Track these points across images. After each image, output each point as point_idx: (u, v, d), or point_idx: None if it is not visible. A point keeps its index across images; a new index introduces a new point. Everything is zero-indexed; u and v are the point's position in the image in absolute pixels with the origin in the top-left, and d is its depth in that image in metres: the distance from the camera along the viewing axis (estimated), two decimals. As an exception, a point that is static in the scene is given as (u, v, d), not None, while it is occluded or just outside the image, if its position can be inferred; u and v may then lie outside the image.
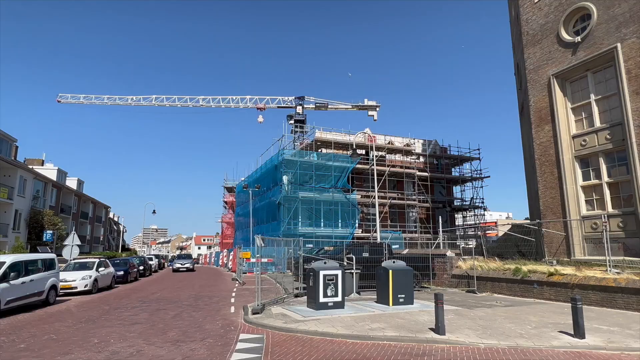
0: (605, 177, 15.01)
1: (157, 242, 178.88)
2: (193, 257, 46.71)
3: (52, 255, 16.37)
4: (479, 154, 40.61)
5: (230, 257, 36.68)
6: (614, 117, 14.78)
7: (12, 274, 12.60)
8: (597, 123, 15.40)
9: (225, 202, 57.83)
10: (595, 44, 14.97)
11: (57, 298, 15.62)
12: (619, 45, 14.09)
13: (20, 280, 12.96)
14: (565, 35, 16.09)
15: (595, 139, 15.36)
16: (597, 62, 15.16)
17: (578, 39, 15.53)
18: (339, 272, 11.35)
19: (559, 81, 16.49)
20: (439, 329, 7.96)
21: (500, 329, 8.47)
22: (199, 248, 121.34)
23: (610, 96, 14.96)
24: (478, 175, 40.39)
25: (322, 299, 10.97)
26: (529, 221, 19.56)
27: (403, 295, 11.80)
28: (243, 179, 45.88)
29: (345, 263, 14.55)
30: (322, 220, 33.85)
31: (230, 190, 53.95)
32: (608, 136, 14.91)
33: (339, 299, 11.20)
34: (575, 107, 16.30)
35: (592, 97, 15.61)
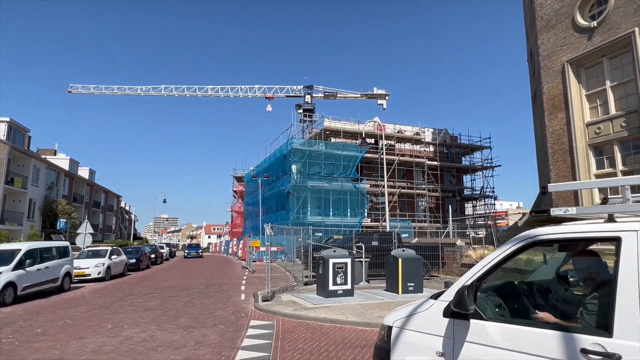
0: (619, 166, 14.73)
1: (168, 231, 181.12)
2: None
3: (66, 243, 16.70)
4: (489, 142, 40.16)
5: (240, 245, 37.02)
6: (630, 104, 14.43)
7: (27, 261, 12.89)
8: (613, 110, 15.06)
9: (235, 192, 58.18)
10: (611, 29, 14.57)
11: (72, 285, 15.96)
12: (636, 29, 13.69)
13: (36, 267, 13.25)
14: (581, 20, 15.68)
15: (610, 127, 15.04)
16: (613, 48, 14.77)
17: (594, 23, 15.12)
18: (349, 261, 11.39)
19: (573, 67, 16.12)
20: (448, 317, 7.95)
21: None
22: (209, 237, 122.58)
23: (627, 82, 14.60)
24: (488, 164, 39.98)
25: (331, 287, 11.04)
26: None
27: (412, 284, 11.81)
28: (252, 168, 46.01)
29: (354, 251, 14.58)
30: (331, 210, 33.90)
31: (239, 179, 54.20)
32: (623, 124, 14.59)
33: (348, 287, 11.26)
34: (590, 94, 15.95)
35: (608, 83, 15.24)
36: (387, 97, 46.32)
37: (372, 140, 35.50)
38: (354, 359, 5.99)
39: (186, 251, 48.57)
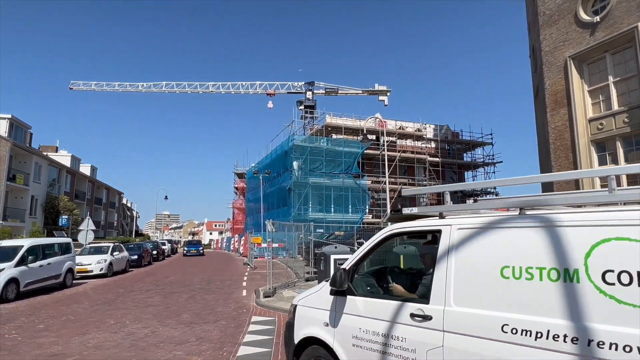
0: (622, 162, 14.68)
1: (170, 227, 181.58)
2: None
3: (68, 240, 16.74)
4: (491, 139, 40.07)
5: (242, 242, 37.09)
6: (633, 99, 14.37)
7: (29, 257, 12.93)
8: (615, 106, 15.00)
9: (236, 188, 58.23)
10: (614, 24, 14.49)
11: (74, 281, 16.01)
12: (639, 24, 13.61)
13: (38, 263, 13.30)
14: (584, 15, 15.59)
15: (613, 123, 14.99)
16: (616, 43, 14.69)
17: (597, 18, 15.03)
18: (350, 257, 11.38)
19: (576, 63, 16.04)
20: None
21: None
22: (211, 234, 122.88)
23: (630, 78, 14.53)
24: (490, 161, 39.93)
25: (333, 283, 11.02)
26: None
27: (414, 280, 11.80)
28: (253, 165, 46.02)
29: (356, 247, 14.59)
30: (332, 206, 33.92)
31: (240, 176, 54.20)
32: (626, 119, 14.53)
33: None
34: (593, 90, 15.88)
35: (611, 79, 15.17)
36: (388, 94, 46.22)
37: (374, 137, 35.45)
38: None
39: (185, 249, 43.12)
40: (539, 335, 2.57)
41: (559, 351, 2.46)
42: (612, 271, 2.42)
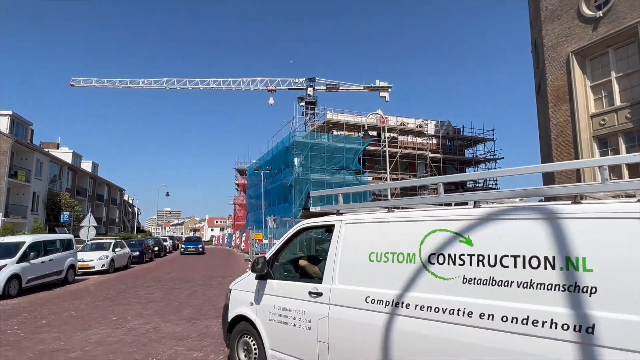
0: (624, 158, 14.66)
1: (171, 224, 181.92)
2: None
3: (70, 236, 16.78)
4: (493, 135, 39.97)
5: (243, 238, 37.15)
6: (635, 95, 14.30)
7: (31, 253, 12.98)
8: (617, 102, 14.93)
9: (237, 185, 58.24)
10: (617, 19, 14.40)
11: (76, 277, 16.06)
12: (642, 19, 13.52)
13: (40, 259, 13.34)
14: (586, 10, 15.49)
15: (615, 118, 14.93)
16: (619, 38, 14.61)
17: (599, 13, 14.94)
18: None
19: (578, 58, 15.96)
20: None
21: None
22: (212, 230, 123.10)
23: (632, 73, 14.45)
24: (492, 157, 39.84)
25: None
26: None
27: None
28: (254, 161, 45.98)
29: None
30: (333, 202, 33.91)
31: (242, 172, 54.19)
32: (628, 115, 14.47)
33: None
34: (595, 86, 15.81)
35: (613, 74, 15.10)
36: (389, 90, 46.06)
37: (375, 133, 35.38)
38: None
39: (183, 246, 37.94)
40: (387, 303, 3.38)
41: (402, 315, 3.28)
42: (434, 254, 3.22)
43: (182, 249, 37.23)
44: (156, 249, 31.31)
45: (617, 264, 2.46)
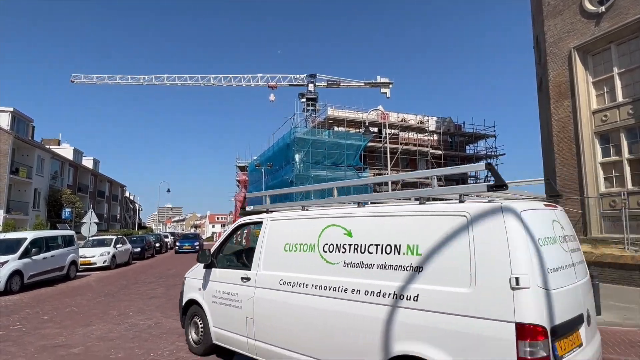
0: (625, 154, 14.59)
1: (172, 220, 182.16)
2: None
3: (71, 232, 16.81)
4: (494, 131, 39.84)
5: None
6: (638, 91, 14.23)
7: (33, 249, 13.01)
8: (620, 98, 14.87)
9: (238, 181, 58.19)
10: (620, 14, 14.31)
11: (77, 273, 16.11)
12: (645, 14, 13.43)
13: (42, 255, 13.38)
14: (589, 5, 15.39)
15: (617, 114, 14.87)
16: (621, 34, 14.52)
17: (602, 9, 14.84)
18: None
19: (580, 54, 15.88)
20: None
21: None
22: (213, 226, 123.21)
23: (635, 69, 14.37)
24: (493, 153, 39.75)
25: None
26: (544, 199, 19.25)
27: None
28: (255, 157, 45.95)
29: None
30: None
31: (242, 169, 54.15)
32: (630, 111, 14.41)
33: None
34: (597, 81, 15.74)
35: (615, 70, 15.02)
36: (390, 86, 45.95)
37: (376, 129, 35.31)
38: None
39: (178, 244, 33.38)
40: (293, 284, 4.23)
41: (302, 293, 4.10)
42: (327, 244, 4.06)
43: (177, 247, 32.86)
44: (157, 245, 31.35)
45: (437, 248, 3.25)
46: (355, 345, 3.59)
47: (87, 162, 49.29)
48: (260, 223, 5.03)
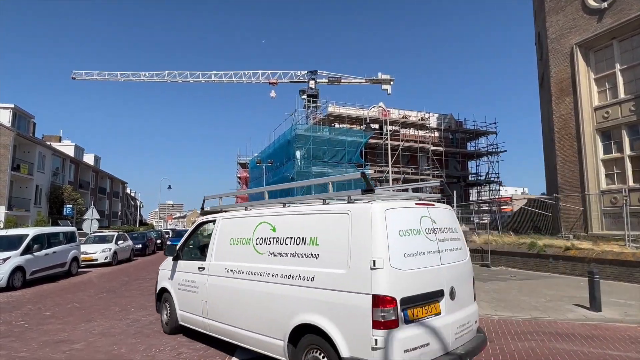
0: (627, 151, 14.57)
1: (173, 217, 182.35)
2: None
3: (73, 229, 16.85)
4: (495, 127, 39.72)
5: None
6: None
7: (35, 246, 13.03)
8: (622, 94, 14.82)
9: (239, 178, 58.17)
10: (623, 10, 14.24)
11: (79, 269, 16.15)
12: (648, 11, 13.37)
13: (44, 252, 13.41)
14: (591, 1, 15.32)
15: (619, 111, 14.83)
16: (624, 30, 14.46)
17: (604, 5, 14.78)
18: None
19: (582, 50, 15.83)
20: (452, 301, 7.98)
21: (515, 302, 8.47)
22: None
23: (637, 65, 14.33)
24: (494, 150, 39.67)
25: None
26: (545, 196, 19.26)
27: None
28: (256, 154, 45.89)
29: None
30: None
31: (243, 165, 54.11)
32: (632, 108, 14.37)
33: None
34: (599, 78, 15.69)
35: (617, 66, 14.97)
36: (391, 83, 45.79)
37: (377, 126, 35.25)
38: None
39: (169, 242, 28.49)
40: (234, 271, 5.14)
41: (241, 279, 4.99)
42: (258, 238, 4.95)
43: (167, 246, 29.03)
44: (159, 241, 31.42)
45: (329, 239, 4.13)
46: (276, 319, 4.44)
47: (88, 159, 49.31)
48: (214, 221, 5.94)
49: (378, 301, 3.57)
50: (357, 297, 3.69)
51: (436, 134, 38.96)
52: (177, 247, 6.56)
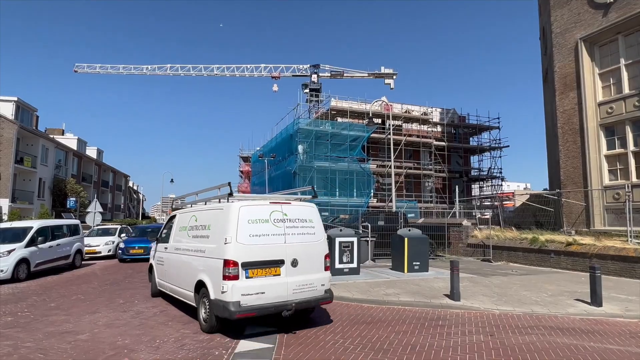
0: (631, 146, 14.52)
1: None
2: None
3: (77, 222, 16.94)
4: (498, 123, 39.54)
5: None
6: (644, 83, 14.09)
7: (39, 238, 13.13)
8: (626, 89, 14.74)
9: (241, 172, 58.22)
10: (628, 4, 14.12)
11: (83, 262, 16.27)
12: (654, 5, 13.25)
13: (48, 244, 13.51)
14: (597, -4, 15.17)
15: (623, 106, 14.76)
16: (629, 24, 14.34)
17: (610, -1, 14.64)
18: (355, 240, 11.46)
19: (587, 45, 15.72)
20: (453, 295, 8.04)
21: (516, 296, 8.51)
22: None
23: (642, 61, 14.22)
24: (497, 145, 39.51)
25: (337, 265, 11.15)
26: (547, 191, 19.22)
27: (418, 263, 11.88)
28: (258, 148, 45.88)
29: (360, 231, 14.66)
30: (337, 190, 33.91)
31: (246, 159, 54.14)
32: (637, 103, 14.30)
33: (354, 265, 11.37)
34: (603, 73, 15.59)
35: (622, 61, 14.87)
36: (394, 77, 45.64)
37: (379, 120, 35.13)
38: (360, 334, 6.10)
39: (123, 244, 22.89)
40: (176, 248, 7.66)
41: (177, 253, 7.55)
42: (190, 226, 7.33)
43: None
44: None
45: (215, 225, 6.41)
46: (188, 277, 6.86)
47: (91, 152, 49.43)
48: (175, 215, 8.37)
49: (226, 263, 5.73)
50: (218, 261, 5.89)
51: (439, 128, 38.85)
52: (158, 234, 9.24)
